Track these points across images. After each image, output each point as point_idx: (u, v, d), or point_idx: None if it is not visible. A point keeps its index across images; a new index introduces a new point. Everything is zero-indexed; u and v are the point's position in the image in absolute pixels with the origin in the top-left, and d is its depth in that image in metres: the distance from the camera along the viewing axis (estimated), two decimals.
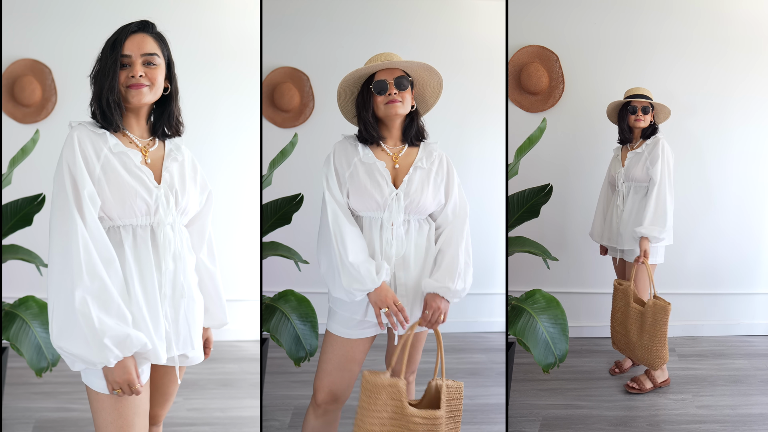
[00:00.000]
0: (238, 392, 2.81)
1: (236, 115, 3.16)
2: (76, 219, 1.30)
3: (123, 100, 1.41)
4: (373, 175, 1.71)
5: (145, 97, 1.41)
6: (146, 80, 1.40)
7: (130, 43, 1.40)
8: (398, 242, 1.71)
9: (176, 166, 1.49)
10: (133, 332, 1.31)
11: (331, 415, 1.82)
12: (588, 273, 3.27)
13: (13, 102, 3.11)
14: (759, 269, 3.34)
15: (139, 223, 1.40)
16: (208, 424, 2.51)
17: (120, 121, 1.41)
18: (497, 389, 2.84)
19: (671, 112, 2.64)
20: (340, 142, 1.80)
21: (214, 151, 3.21)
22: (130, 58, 1.40)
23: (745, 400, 2.65)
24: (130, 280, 1.38)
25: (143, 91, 1.40)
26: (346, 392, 1.80)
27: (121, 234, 1.39)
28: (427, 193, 1.73)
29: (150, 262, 1.40)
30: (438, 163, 1.78)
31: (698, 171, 3.20)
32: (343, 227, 1.67)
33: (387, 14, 3.29)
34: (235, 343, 3.19)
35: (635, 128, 2.61)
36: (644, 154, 2.57)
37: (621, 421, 2.47)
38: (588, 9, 3.17)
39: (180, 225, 1.48)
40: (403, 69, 1.74)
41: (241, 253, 3.17)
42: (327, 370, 1.78)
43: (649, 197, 2.47)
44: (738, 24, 3.15)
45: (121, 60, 1.39)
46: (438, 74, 1.77)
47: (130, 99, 1.40)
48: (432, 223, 1.79)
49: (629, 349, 2.53)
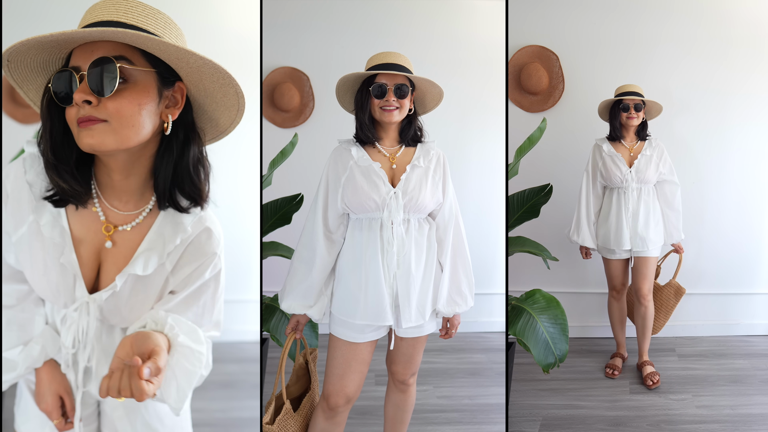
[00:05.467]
0: (239, 393, 2.81)
1: None
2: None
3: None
4: (369, 176, 1.71)
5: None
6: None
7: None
8: (399, 241, 1.70)
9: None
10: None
11: (341, 416, 1.83)
12: (588, 273, 3.27)
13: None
14: (759, 269, 3.34)
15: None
16: (209, 425, 2.50)
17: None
18: (497, 389, 2.84)
19: (662, 109, 2.65)
20: (336, 149, 1.79)
21: (213, 151, 3.19)
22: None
23: (745, 400, 2.65)
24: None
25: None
26: (357, 392, 1.81)
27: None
28: (425, 191, 1.72)
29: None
30: (435, 161, 1.78)
31: (698, 170, 3.21)
32: (317, 247, 1.77)
33: (387, 14, 3.29)
34: (236, 343, 3.19)
35: (628, 126, 2.61)
36: (653, 156, 2.59)
37: (621, 421, 2.47)
38: (588, 9, 3.17)
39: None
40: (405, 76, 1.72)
41: (241, 253, 3.17)
42: (337, 374, 1.77)
43: (676, 199, 2.67)
44: (739, 23, 3.15)
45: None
46: (439, 87, 1.75)
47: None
48: (432, 223, 1.79)
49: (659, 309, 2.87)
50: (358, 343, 1.75)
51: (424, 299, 1.76)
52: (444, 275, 1.79)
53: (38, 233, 1.09)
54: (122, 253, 1.13)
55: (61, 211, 1.10)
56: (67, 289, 1.12)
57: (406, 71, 1.69)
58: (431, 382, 2.90)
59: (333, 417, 1.80)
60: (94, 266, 1.13)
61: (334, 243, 1.77)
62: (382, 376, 2.53)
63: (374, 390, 2.71)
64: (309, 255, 1.76)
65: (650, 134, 2.65)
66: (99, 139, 0.99)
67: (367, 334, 1.75)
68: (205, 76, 1.10)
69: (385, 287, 1.70)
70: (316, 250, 1.75)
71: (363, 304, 1.70)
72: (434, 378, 2.94)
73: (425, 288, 1.76)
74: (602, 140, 2.67)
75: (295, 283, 1.78)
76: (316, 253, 1.75)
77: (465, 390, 2.84)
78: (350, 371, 1.76)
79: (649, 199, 2.62)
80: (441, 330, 1.88)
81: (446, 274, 1.79)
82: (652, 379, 2.76)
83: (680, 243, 2.73)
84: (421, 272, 1.75)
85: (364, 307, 1.70)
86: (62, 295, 1.13)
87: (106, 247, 1.12)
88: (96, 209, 1.11)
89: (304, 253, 1.77)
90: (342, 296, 1.75)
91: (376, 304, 1.70)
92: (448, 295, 1.80)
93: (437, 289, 1.80)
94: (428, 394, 2.79)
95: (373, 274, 1.69)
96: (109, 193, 1.12)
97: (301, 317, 1.82)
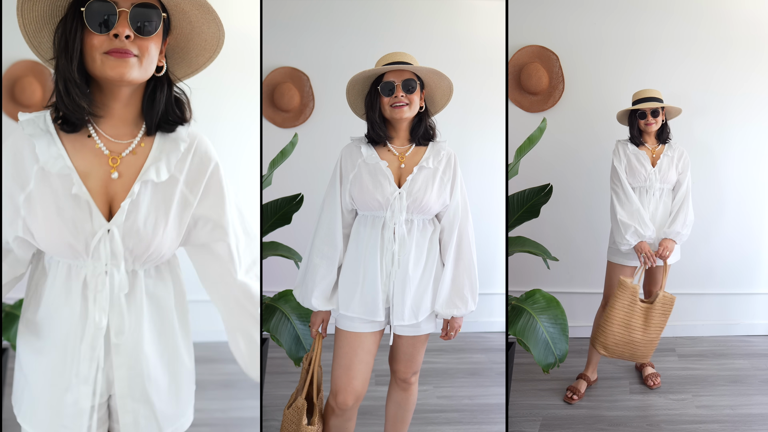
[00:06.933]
0: (239, 393, 2.81)
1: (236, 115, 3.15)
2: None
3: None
4: (375, 175, 1.73)
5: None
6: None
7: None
8: (400, 241, 1.72)
9: None
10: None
11: (350, 412, 1.84)
12: (588, 273, 3.27)
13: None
14: (759, 269, 3.34)
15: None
16: (209, 425, 2.50)
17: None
18: (497, 389, 2.84)
19: (681, 111, 2.60)
20: (347, 146, 1.81)
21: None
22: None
23: (745, 400, 2.65)
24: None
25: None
26: (364, 387, 1.81)
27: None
28: (431, 193, 1.73)
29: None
30: (446, 162, 1.78)
31: (699, 170, 3.20)
32: (336, 232, 1.79)
33: (387, 14, 3.29)
34: None
35: (647, 131, 2.58)
36: (674, 158, 2.56)
37: (621, 421, 2.47)
38: (588, 9, 3.17)
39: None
40: (412, 71, 1.73)
41: None
42: (344, 365, 1.79)
43: (684, 201, 2.56)
44: (739, 23, 3.15)
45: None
46: (447, 78, 1.75)
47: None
48: (437, 225, 1.79)
49: (627, 349, 2.51)
50: (362, 333, 1.78)
51: (419, 300, 1.77)
52: (445, 276, 1.79)
53: (45, 179, 1.15)
54: (128, 183, 1.19)
55: (62, 150, 1.15)
56: (84, 221, 1.15)
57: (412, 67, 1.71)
58: (431, 382, 2.90)
59: (342, 414, 1.83)
60: (104, 200, 1.18)
61: (347, 238, 1.80)
62: (383, 377, 2.53)
63: (375, 390, 2.71)
64: (330, 251, 1.78)
65: (671, 137, 2.60)
66: (128, 71, 1.11)
67: (365, 324, 1.77)
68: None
69: (380, 284, 1.73)
70: (337, 246, 1.78)
71: (358, 298, 1.75)
72: (434, 378, 2.95)
73: (422, 289, 1.77)
74: (625, 141, 2.61)
75: (318, 279, 1.78)
76: (337, 249, 1.78)
77: (465, 390, 2.84)
78: (356, 361, 1.78)
79: (668, 201, 2.57)
80: (442, 331, 1.88)
81: (447, 275, 1.79)
82: (653, 379, 2.76)
83: (672, 248, 2.52)
84: (419, 273, 1.75)
85: (358, 300, 1.75)
86: (81, 234, 1.15)
87: (112, 178, 1.18)
88: (97, 144, 1.18)
89: (324, 249, 1.78)
90: (342, 288, 1.79)
91: (370, 300, 1.74)
92: (448, 297, 1.80)
93: (437, 290, 1.80)
94: (428, 394, 2.79)
95: (371, 271, 1.73)
96: (104, 123, 1.20)
97: (325, 314, 1.83)
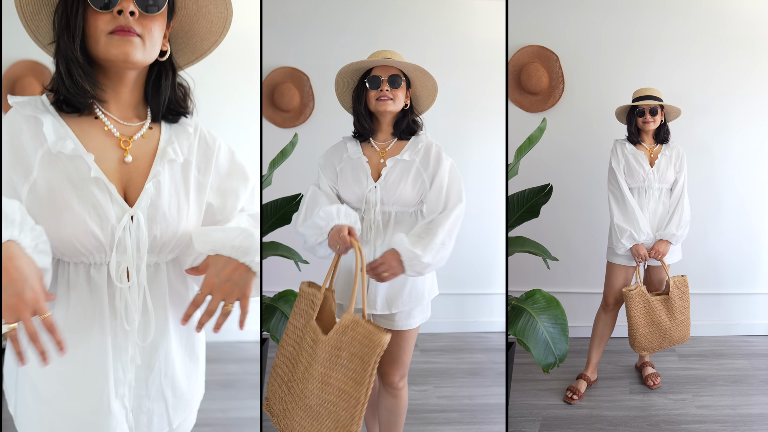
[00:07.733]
0: (239, 393, 2.81)
1: (236, 115, 3.15)
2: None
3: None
4: (356, 170, 1.79)
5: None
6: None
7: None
8: (375, 232, 1.75)
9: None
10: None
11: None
12: (588, 273, 3.27)
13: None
14: (759, 269, 3.35)
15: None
16: (209, 425, 2.50)
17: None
18: (497, 389, 2.84)
19: (681, 112, 2.60)
20: (337, 143, 1.89)
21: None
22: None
23: (745, 400, 2.65)
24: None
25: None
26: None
27: None
28: (404, 185, 1.74)
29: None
30: (423, 153, 1.78)
31: (699, 170, 3.20)
32: (318, 198, 1.76)
33: (387, 14, 3.29)
34: (236, 343, 3.19)
35: (645, 130, 2.58)
36: (672, 157, 2.55)
37: (621, 421, 2.47)
38: (588, 9, 3.17)
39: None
40: (398, 68, 1.78)
41: None
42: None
43: (679, 201, 2.54)
44: (739, 24, 3.15)
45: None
46: (432, 78, 1.78)
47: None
48: (418, 219, 1.79)
49: (665, 339, 2.54)
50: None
51: (396, 291, 1.77)
52: (423, 227, 1.72)
53: (54, 164, 1.06)
54: (142, 166, 1.15)
55: (69, 132, 1.09)
56: (107, 207, 1.08)
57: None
58: (431, 382, 2.90)
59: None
60: (119, 186, 1.12)
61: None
62: None
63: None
64: (311, 205, 1.76)
65: (670, 137, 2.59)
66: (132, 50, 1.07)
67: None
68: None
69: (358, 272, 1.60)
70: (317, 202, 1.76)
71: (339, 283, 1.82)
72: (434, 378, 2.95)
73: (399, 280, 1.74)
74: (623, 140, 2.60)
75: (312, 210, 1.72)
76: (318, 203, 1.75)
77: (465, 390, 2.84)
78: None
79: (668, 201, 2.56)
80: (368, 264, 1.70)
81: (426, 227, 1.71)
82: (654, 379, 2.76)
83: (666, 249, 2.52)
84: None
85: (340, 286, 1.82)
86: (106, 222, 1.07)
87: (126, 161, 1.13)
88: (107, 126, 1.13)
89: (304, 210, 1.77)
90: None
91: (347, 287, 1.79)
92: (411, 234, 1.69)
93: (415, 287, 1.79)
94: (428, 394, 2.79)
95: (350, 259, 1.78)
96: (109, 107, 1.15)
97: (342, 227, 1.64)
